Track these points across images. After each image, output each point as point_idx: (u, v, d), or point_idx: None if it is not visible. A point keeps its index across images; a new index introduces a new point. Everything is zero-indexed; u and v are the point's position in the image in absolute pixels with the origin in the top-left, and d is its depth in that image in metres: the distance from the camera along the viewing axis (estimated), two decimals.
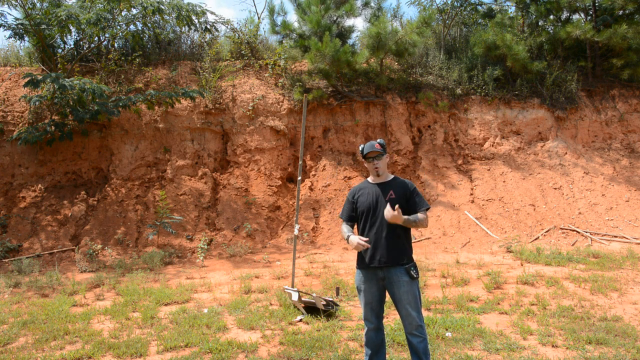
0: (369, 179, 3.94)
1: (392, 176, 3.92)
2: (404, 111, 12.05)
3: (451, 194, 10.89)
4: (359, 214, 3.84)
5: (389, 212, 3.57)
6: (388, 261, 3.64)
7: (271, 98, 11.75)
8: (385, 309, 3.96)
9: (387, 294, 3.79)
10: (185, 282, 7.37)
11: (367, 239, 3.66)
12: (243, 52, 12.79)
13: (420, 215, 3.71)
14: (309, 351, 4.50)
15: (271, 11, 12.79)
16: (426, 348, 3.65)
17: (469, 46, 12.87)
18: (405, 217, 3.63)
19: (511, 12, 13.76)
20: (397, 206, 3.57)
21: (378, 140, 3.87)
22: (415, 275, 3.64)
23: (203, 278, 7.62)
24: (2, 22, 10.46)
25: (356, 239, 3.66)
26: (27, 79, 9.31)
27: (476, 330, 4.93)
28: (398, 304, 3.66)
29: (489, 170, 11.35)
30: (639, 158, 11.86)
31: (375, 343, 3.77)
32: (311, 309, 5.64)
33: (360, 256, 3.78)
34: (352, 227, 3.93)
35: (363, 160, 3.90)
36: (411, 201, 3.76)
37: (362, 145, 3.92)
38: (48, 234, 9.44)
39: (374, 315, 3.74)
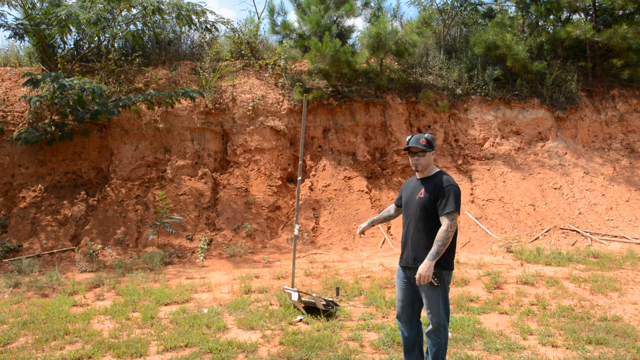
0: (417, 174, 3.75)
1: (436, 171, 3.62)
2: (404, 111, 12.05)
3: None
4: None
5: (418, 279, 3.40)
6: (413, 261, 3.52)
7: (271, 98, 11.75)
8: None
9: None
10: (185, 282, 7.37)
11: (362, 227, 4.12)
12: (243, 52, 12.78)
13: (437, 242, 3.34)
14: (309, 351, 4.50)
15: (271, 11, 12.80)
16: (437, 353, 3.50)
17: (469, 46, 12.87)
18: (427, 261, 3.34)
19: (511, 12, 13.76)
20: (417, 274, 3.38)
21: (425, 135, 3.58)
22: (436, 284, 3.39)
23: (203, 278, 7.62)
24: (2, 22, 10.45)
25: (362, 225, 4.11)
26: (26, 79, 9.30)
27: (476, 330, 4.93)
28: (423, 303, 3.57)
29: (489, 170, 11.35)
30: (639, 158, 11.86)
31: (407, 342, 3.70)
32: (311, 309, 5.63)
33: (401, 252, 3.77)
34: (395, 211, 4.02)
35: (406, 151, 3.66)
36: (438, 202, 3.44)
37: (409, 137, 3.64)
38: (48, 234, 9.44)
39: (405, 313, 3.67)
